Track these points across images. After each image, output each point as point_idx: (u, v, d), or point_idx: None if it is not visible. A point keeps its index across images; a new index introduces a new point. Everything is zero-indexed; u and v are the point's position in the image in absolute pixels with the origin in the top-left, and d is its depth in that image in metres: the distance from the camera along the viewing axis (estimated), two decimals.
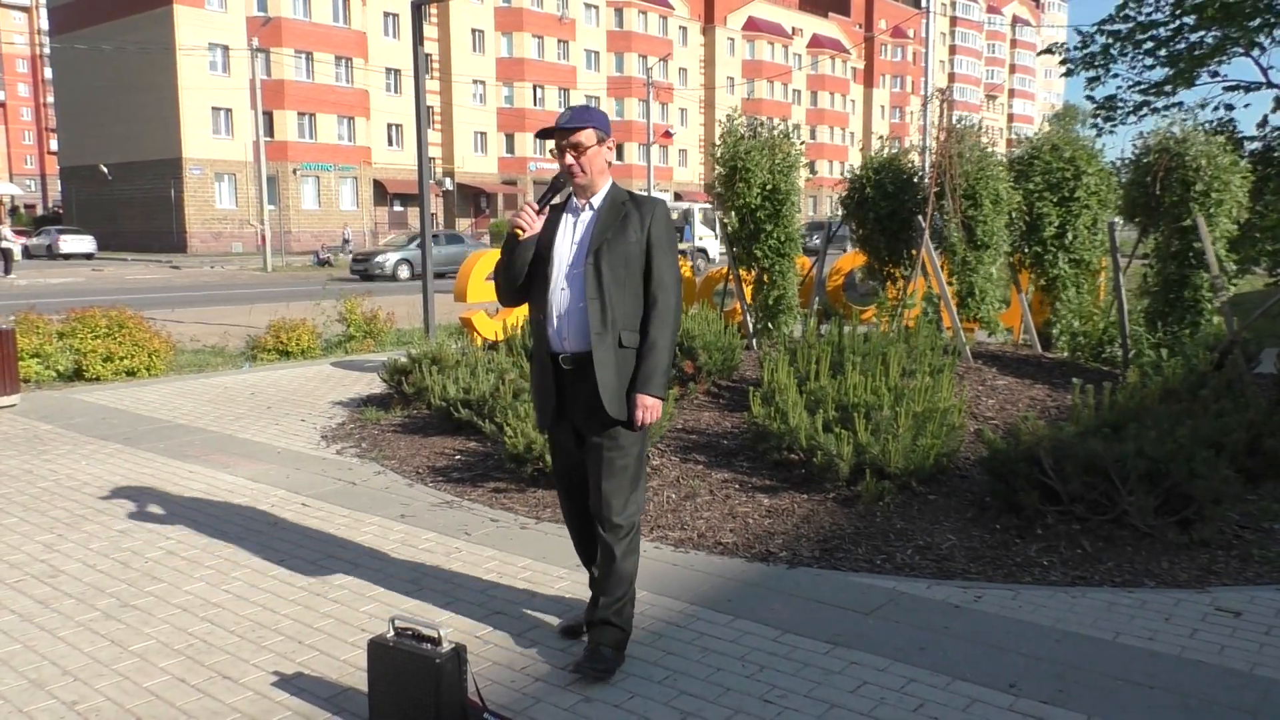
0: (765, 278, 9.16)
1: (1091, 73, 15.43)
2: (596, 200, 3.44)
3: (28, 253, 43.27)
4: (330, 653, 3.57)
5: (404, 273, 30.45)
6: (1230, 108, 14.33)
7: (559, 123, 3.39)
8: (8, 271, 31.10)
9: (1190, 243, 7.86)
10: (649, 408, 3.35)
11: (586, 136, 3.38)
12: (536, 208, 3.40)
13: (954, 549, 4.56)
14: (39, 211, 77.93)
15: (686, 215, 33.82)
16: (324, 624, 3.82)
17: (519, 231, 3.38)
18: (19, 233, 43.47)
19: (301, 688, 3.30)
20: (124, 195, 47.72)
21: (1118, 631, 3.68)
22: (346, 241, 44.72)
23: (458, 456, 6.38)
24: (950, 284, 8.50)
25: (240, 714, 3.12)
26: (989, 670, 3.38)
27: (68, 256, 42.02)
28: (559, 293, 3.39)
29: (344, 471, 6.19)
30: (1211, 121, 13.71)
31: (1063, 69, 16.19)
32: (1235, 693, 3.21)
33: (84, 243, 43.05)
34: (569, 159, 3.38)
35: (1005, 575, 4.28)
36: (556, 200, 3.49)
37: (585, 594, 3.93)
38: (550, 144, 3.45)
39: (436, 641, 2.95)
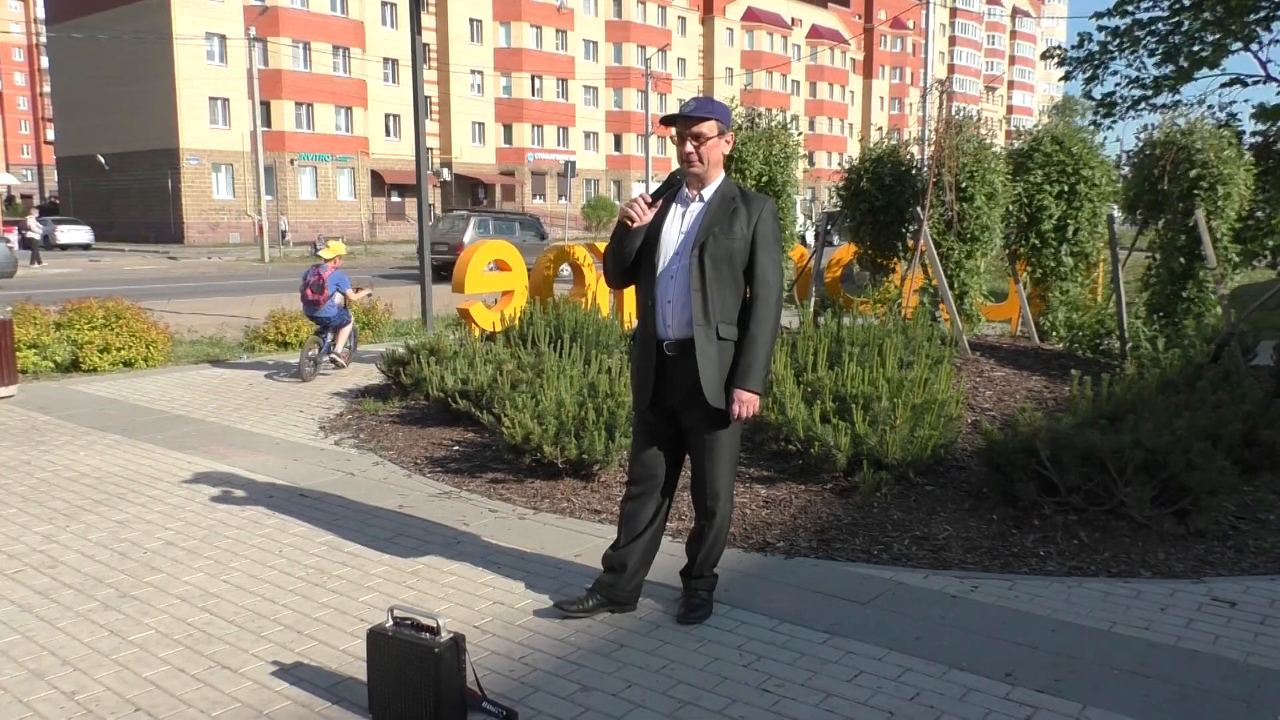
0: None
1: (1088, 73, 15.42)
2: (707, 192, 3.52)
3: (24, 242, 43.18)
4: (329, 642, 3.58)
5: None
6: (1230, 101, 14.33)
7: (683, 111, 3.48)
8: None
9: (1195, 236, 7.87)
10: (745, 402, 3.45)
11: (709, 127, 3.46)
12: (650, 200, 3.49)
13: (951, 539, 4.57)
14: (36, 202, 77.76)
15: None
16: (323, 614, 3.83)
17: (628, 223, 3.47)
18: (12, 224, 43.38)
19: (301, 677, 3.31)
20: (121, 185, 47.60)
21: (1114, 621, 3.70)
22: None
23: (455, 447, 6.38)
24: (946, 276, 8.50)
25: (240, 704, 3.13)
26: (985, 659, 3.39)
27: (65, 247, 41.87)
28: (666, 281, 3.50)
29: (342, 462, 6.20)
30: (1212, 109, 13.71)
31: (1060, 75, 16.18)
32: (1230, 682, 3.23)
33: (81, 233, 42.89)
34: (689, 147, 3.46)
35: (1002, 566, 4.29)
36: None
37: (581, 583, 3.94)
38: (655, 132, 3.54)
39: (435, 631, 2.96)
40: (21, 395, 8.45)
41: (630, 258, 3.57)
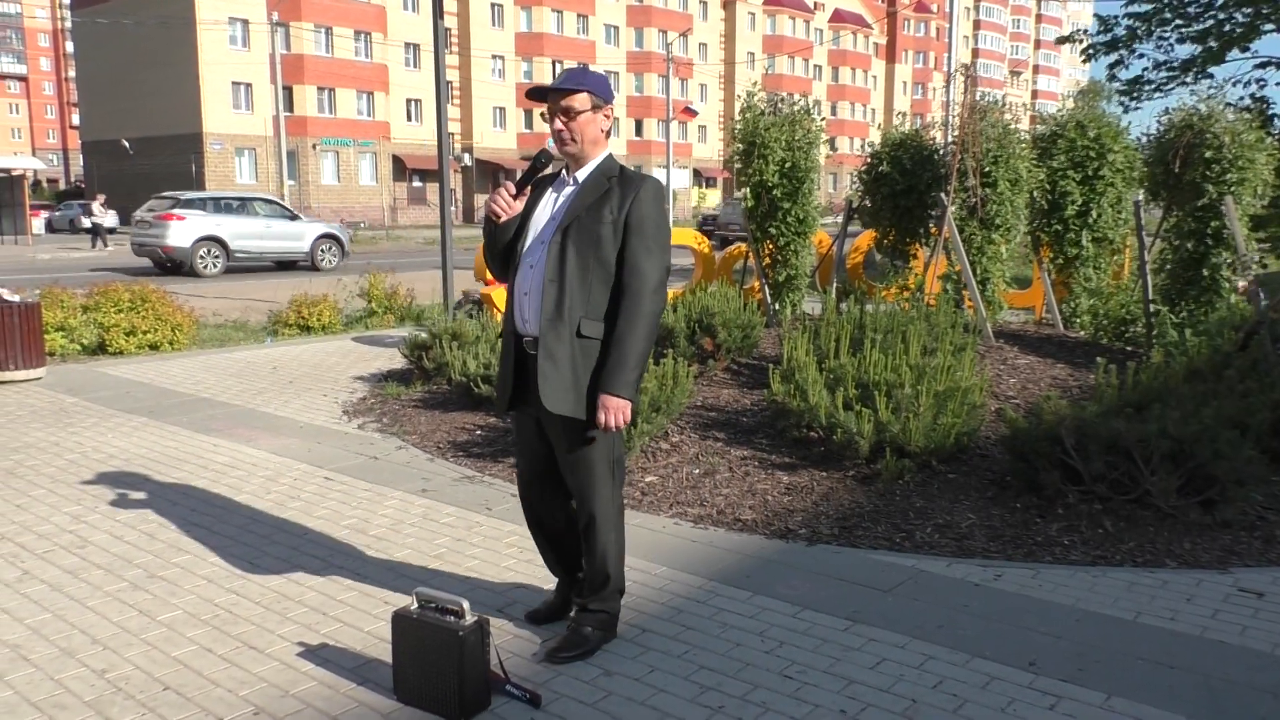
0: (779, 256, 9.13)
1: (1113, 56, 15.25)
2: (583, 174, 3.19)
3: (51, 226, 43.55)
4: (354, 624, 3.61)
5: None
6: (1262, 83, 14.15)
7: (554, 83, 3.15)
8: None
9: (1209, 221, 7.77)
10: (612, 409, 3.04)
11: (580, 101, 3.12)
12: (514, 190, 3.17)
13: (974, 528, 4.56)
14: (61, 186, 78.43)
15: None
16: (347, 596, 3.87)
17: (494, 218, 3.19)
18: (38, 208, 43.74)
19: (326, 658, 3.34)
20: (145, 170, 47.87)
21: (1138, 611, 3.68)
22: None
23: (478, 432, 6.41)
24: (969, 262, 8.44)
25: (267, 684, 3.17)
26: (1008, 648, 3.38)
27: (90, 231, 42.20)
28: (526, 270, 3.17)
29: (365, 446, 6.23)
30: (1243, 98, 13.55)
31: (1083, 57, 16.00)
32: (1256, 673, 3.20)
33: (107, 218, 43.21)
34: (559, 124, 3.13)
35: (1025, 554, 4.27)
36: (548, 170, 3.31)
37: None
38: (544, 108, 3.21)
39: (460, 614, 2.97)
40: (49, 378, 8.55)
41: (504, 248, 3.27)
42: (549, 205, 3.22)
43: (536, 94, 3.21)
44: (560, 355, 3.07)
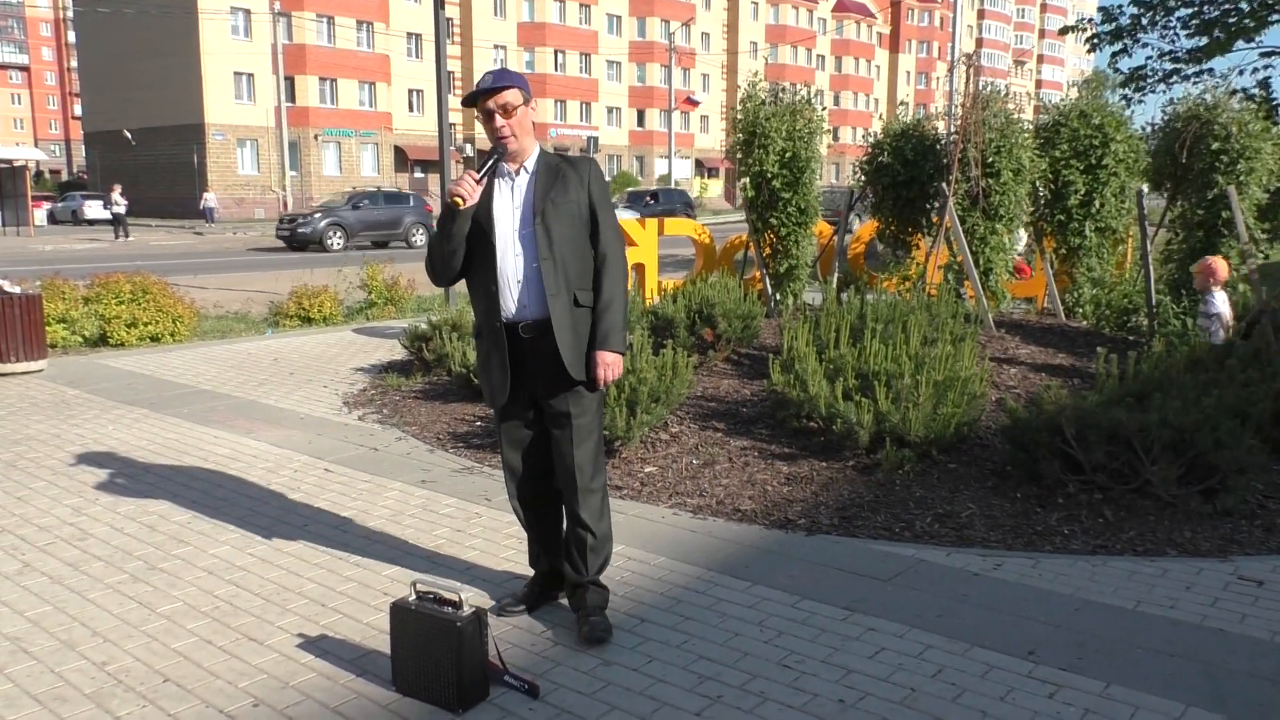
0: (780, 246, 9.12)
1: (1117, 45, 15.19)
2: (530, 163, 3.35)
3: (53, 218, 43.58)
4: (353, 616, 3.61)
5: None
6: (1269, 69, 14.11)
7: (482, 85, 3.27)
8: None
9: (1218, 211, 7.75)
10: (609, 364, 3.31)
11: (514, 95, 3.26)
12: (477, 177, 3.25)
13: (974, 517, 4.55)
14: (64, 177, 78.39)
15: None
16: (347, 588, 3.87)
17: (458, 201, 3.21)
18: (41, 199, 43.80)
19: (325, 650, 3.34)
20: (147, 160, 47.88)
21: (1138, 600, 3.67)
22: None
23: (478, 423, 6.41)
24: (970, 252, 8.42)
25: (266, 675, 3.17)
26: (1008, 637, 3.38)
27: (92, 222, 42.29)
28: (510, 259, 3.29)
29: (366, 437, 6.24)
30: (1247, 88, 13.51)
31: (1087, 46, 15.95)
32: (1256, 661, 3.20)
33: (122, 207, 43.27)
34: (499, 121, 3.25)
35: (1025, 544, 4.27)
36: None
37: None
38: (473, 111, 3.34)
39: (458, 605, 2.98)
40: (51, 369, 8.55)
41: (462, 246, 3.31)
42: (507, 197, 3.34)
43: (469, 100, 3.32)
44: (569, 325, 3.29)
